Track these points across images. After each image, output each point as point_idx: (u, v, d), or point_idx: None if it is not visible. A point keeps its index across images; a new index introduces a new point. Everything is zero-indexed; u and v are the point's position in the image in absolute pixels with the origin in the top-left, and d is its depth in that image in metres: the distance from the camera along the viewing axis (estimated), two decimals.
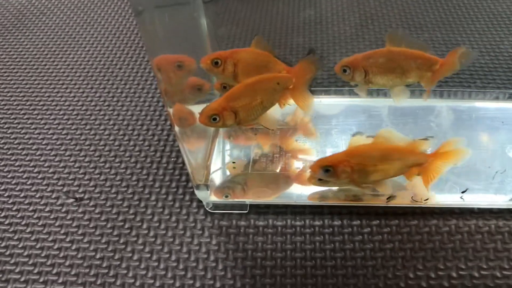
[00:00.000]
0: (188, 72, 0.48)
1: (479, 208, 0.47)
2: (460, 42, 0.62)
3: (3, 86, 0.68)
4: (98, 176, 0.54)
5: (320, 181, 0.45)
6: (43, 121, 0.62)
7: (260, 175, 0.51)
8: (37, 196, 0.52)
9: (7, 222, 0.50)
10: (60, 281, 0.44)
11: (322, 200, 0.48)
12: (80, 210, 0.50)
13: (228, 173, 0.52)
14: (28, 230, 0.49)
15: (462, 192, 0.47)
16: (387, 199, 0.47)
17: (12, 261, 0.46)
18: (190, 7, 0.48)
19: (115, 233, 0.48)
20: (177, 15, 0.45)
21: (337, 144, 0.53)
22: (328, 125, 0.55)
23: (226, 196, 0.49)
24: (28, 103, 0.65)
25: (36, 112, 0.63)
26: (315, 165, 0.44)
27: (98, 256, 0.46)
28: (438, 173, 0.44)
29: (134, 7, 0.38)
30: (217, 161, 0.53)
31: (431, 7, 0.66)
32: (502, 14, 0.64)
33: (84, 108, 0.63)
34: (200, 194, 0.49)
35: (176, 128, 0.46)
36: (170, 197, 0.51)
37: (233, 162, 0.53)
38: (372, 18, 0.66)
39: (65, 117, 0.62)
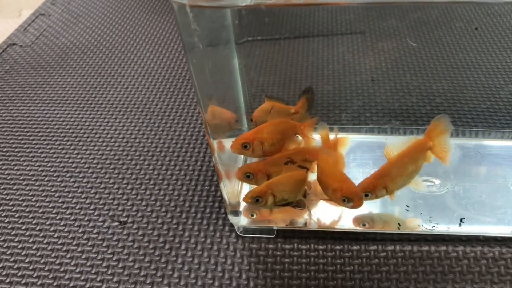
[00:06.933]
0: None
1: (484, 236, 0.52)
2: (468, 86, 0.68)
3: (50, 119, 0.75)
4: (140, 202, 0.60)
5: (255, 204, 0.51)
6: (87, 152, 0.68)
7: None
8: (85, 219, 0.58)
9: (60, 242, 0.56)
10: None
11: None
12: (124, 232, 0.56)
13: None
14: (79, 249, 0.55)
15: (461, 220, 0.53)
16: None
17: (66, 277, 0.52)
18: (225, 48, 0.55)
19: (157, 253, 0.54)
20: (214, 54, 0.52)
21: (355, 176, 0.58)
22: (347, 159, 0.61)
23: (252, 215, 0.55)
24: (74, 135, 0.72)
25: (81, 143, 0.70)
26: (247, 197, 0.50)
27: (142, 273, 0.52)
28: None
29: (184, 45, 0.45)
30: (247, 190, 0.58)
31: (441, 54, 0.72)
32: (499, 65, 0.71)
33: (124, 140, 0.70)
34: (232, 219, 0.55)
35: (217, 159, 0.52)
36: (204, 222, 0.57)
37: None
38: (383, 64, 0.73)
39: (108, 148, 0.69)
